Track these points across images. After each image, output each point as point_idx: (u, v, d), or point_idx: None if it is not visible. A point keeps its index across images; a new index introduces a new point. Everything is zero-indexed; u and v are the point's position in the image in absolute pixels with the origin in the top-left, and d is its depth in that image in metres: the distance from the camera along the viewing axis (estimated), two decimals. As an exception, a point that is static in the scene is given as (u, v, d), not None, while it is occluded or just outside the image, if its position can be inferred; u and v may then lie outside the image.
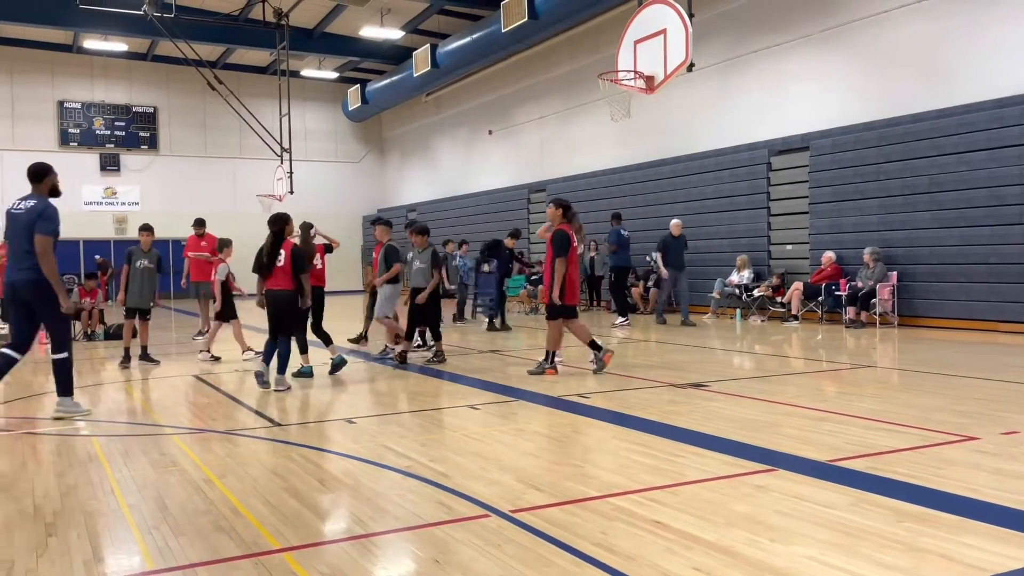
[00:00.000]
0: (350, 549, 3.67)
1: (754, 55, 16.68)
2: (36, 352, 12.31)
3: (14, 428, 6.73)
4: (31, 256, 6.66)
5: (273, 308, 8.37)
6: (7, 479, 4.97)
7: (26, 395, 8.54)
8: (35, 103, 27.97)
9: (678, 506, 4.11)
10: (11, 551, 3.70)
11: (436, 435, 6.14)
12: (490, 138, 26.16)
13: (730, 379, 8.42)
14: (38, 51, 27.59)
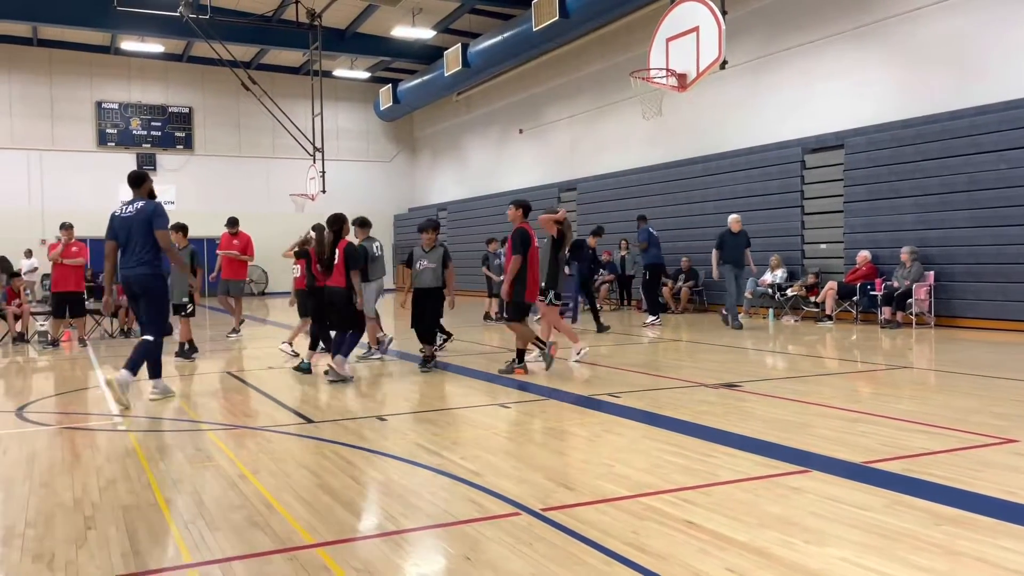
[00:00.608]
0: (382, 545, 3.70)
1: (787, 52, 16.52)
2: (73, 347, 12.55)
3: (54, 423, 6.87)
4: (146, 252, 7.51)
5: (328, 303, 8.82)
6: (48, 473, 5.07)
7: (66, 391, 8.70)
8: (74, 104, 28.48)
9: (710, 506, 4.08)
10: (52, 543, 3.78)
11: (467, 433, 6.16)
12: (520, 137, 26.17)
13: (763, 379, 8.35)
14: (77, 52, 28.10)
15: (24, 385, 9.29)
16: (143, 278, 7.53)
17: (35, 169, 27.93)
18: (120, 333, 14.61)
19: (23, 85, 27.75)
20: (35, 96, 27.93)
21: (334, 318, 8.91)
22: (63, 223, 13.34)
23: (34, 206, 27.85)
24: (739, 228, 13.94)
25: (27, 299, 15.17)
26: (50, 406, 7.71)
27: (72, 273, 12.89)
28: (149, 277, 7.58)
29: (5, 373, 10.39)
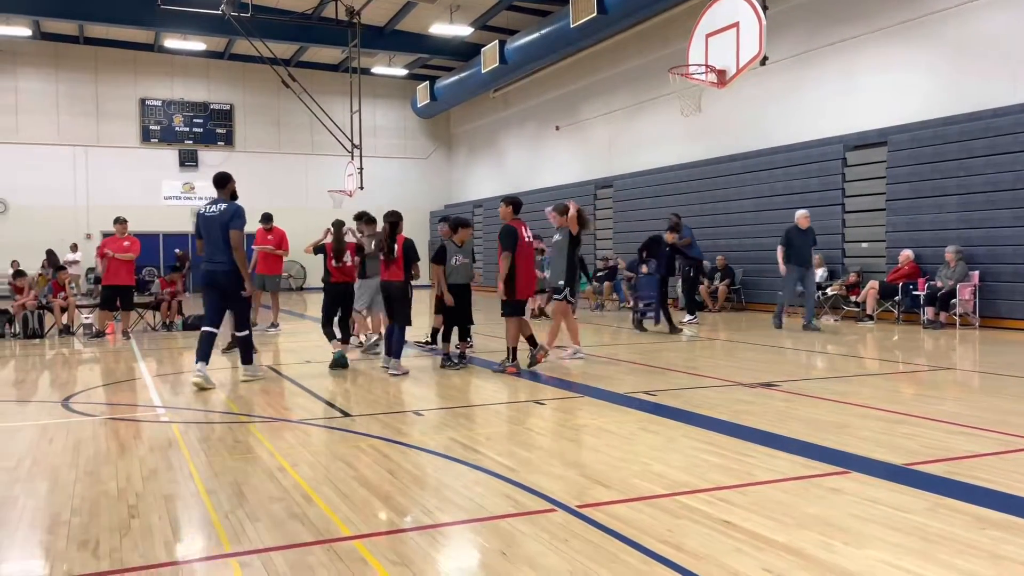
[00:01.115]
0: (418, 538, 3.73)
1: (829, 48, 16.28)
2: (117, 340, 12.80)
3: (99, 414, 7.01)
4: (227, 250, 8.10)
5: (386, 297, 9.15)
6: (93, 462, 5.18)
7: (110, 382, 8.88)
8: (119, 101, 29.01)
9: (748, 506, 4.05)
10: (97, 530, 3.86)
11: (502, 429, 6.17)
12: (557, 134, 26.12)
13: (802, 379, 8.25)
14: (122, 50, 28.62)
15: (70, 376, 9.50)
16: (225, 274, 8.18)
17: (80, 165, 28.52)
18: (162, 326, 14.87)
19: (70, 83, 28.34)
20: (81, 93, 28.51)
21: (390, 311, 9.15)
22: (117, 217, 13.59)
23: (79, 201, 28.45)
24: (807, 224, 13.23)
25: (72, 292, 15.51)
26: (95, 397, 7.88)
27: (123, 267, 13.13)
28: (230, 272, 8.17)
29: (51, 364, 10.64)
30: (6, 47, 26.81)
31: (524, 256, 8.97)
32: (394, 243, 8.99)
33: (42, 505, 4.32)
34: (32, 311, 13.72)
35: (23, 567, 3.50)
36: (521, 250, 8.92)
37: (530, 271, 9.14)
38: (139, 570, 3.38)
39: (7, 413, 7.13)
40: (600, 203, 23.34)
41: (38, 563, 3.52)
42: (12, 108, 27.71)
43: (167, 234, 28.82)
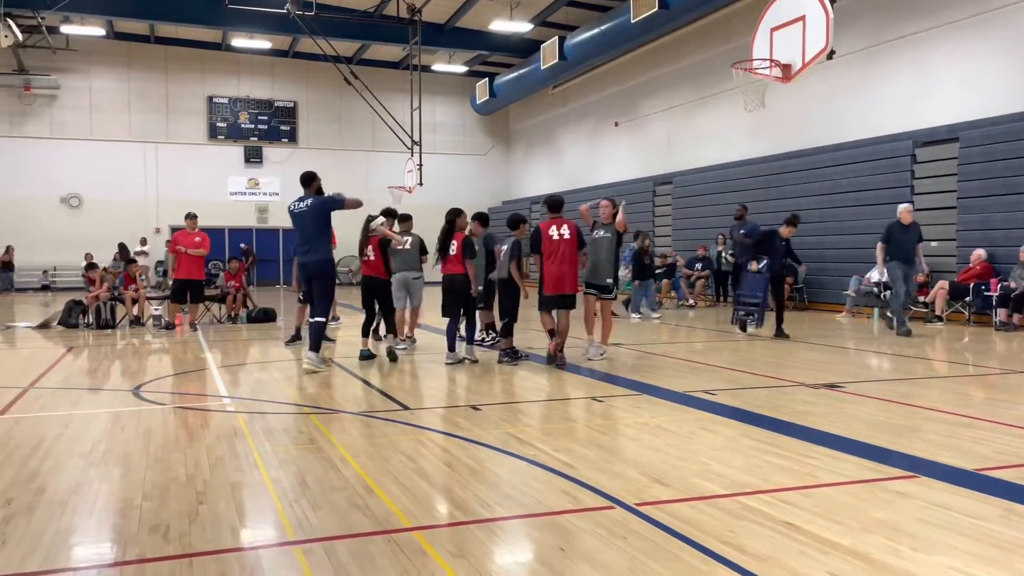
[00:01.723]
0: (477, 531, 3.76)
1: (899, 41, 15.85)
2: (185, 331, 13.16)
3: (168, 402, 7.23)
4: (317, 241, 8.73)
5: (448, 290, 9.39)
6: (162, 449, 5.34)
7: (178, 372, 9.14)
8: (187, 99, 29.81)
9: (811, 509, 3.98)
10: (167, 515, 3.98)
11: (559, 425, 6.18)
12: (616, 130, 25.97)
13: (867, 380, 8.07)
14: (190, 49, 29.39)
15: (140, 366, 9.80)
16: (316, 264, 8.77)
17: (151, 161, 29.38)
18: (227, 319, 15.24)
19: (141, 82, 29.21)
20: (152, 92, 29.36)
21: (452, 302, 9.39)
22: (188, 213, 13.95)
23: (149, 196, 29.33)
24: (910, 219, 12.34)
25: (143, 284, 15.99)
26: (164, 386, 8.11)
27: (194, 261, 13.49)
28: (321, 263, 8.79)
29: (123, 354, 10.99)
30: (82, 47, 27.75)
31: (550, 254, 9.07)
32: (449, 240, 9.30)
33: (115, 489, 4.47)
34: (105, 302, 14.19)
35: (98, 549, 3.63)
36: (547, 248, 9.06)
37: (557, 268, 9.09)
38: (207, 555, 3.47)
39: (82, 401, 7.39)
40: (659, 200, 23.14)
41: (112, 546, 3.64)
42: (87, 106, 28.68)
43: (232, 229, 29.52)
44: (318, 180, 9.00)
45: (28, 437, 5.73)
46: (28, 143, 27.96)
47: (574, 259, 9.09)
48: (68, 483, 4.58)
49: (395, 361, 9.57)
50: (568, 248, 9.03)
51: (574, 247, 9.06)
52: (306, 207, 8.78)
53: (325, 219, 8.85)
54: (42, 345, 11.93)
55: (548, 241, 9.06)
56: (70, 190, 28.51)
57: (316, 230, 8.77)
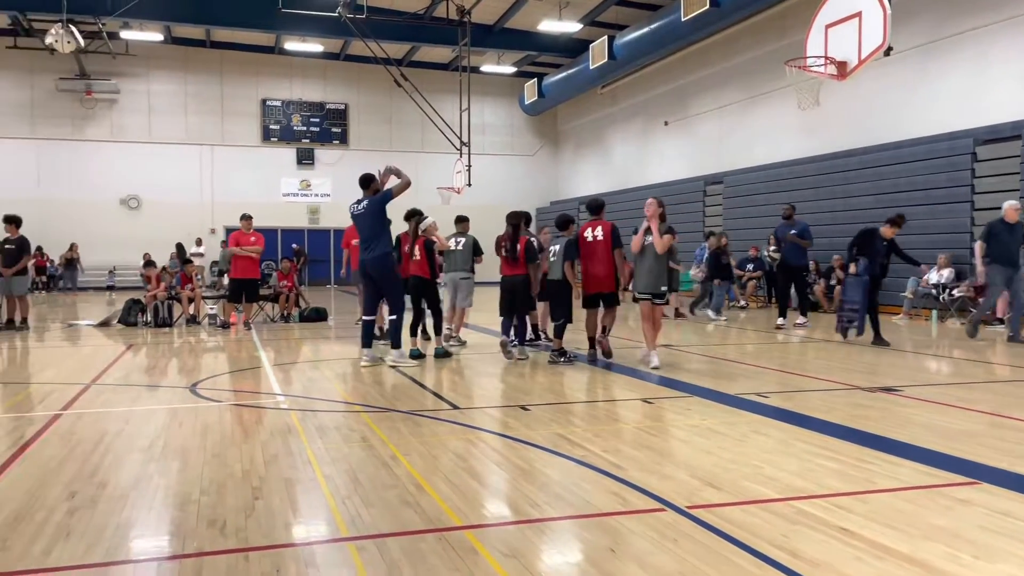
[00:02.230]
0: (527, 531, 3.76)
1: (958, 37, 15.45)
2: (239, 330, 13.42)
3: (224, 400, 7.38)
4: (376, 240, 9.02)
5: (508, 290, 9.76)
6: (219, 445, 5.45)
7: (233, 370, 9.33)
8: (241, 101, 30.41)
9: (867, 514, 3.90)
10: (223, 510, 4.07)
11: (609, 427, 6.15)
12: (665, 129, 25.77)
13: (925, 384, 7.88)
14: (245, 53, 29.97)
15: (196, 364, 10.02)
16: (374, 261, 9.05)
17: (206, 163, 30.05)
18: (280, 318, 15.49)
19: (197, 85, 29.88)
20: (208, 95, 30.01)
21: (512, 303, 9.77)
22: (243, 214, 14.21)
23: (205, 197, 29.99)
24: (1016, 218, 11.13)
25: (199, 284, 16.35)
26: (220, 384, 8.29)
27: (250, 261, 13.75)
28: (380, 259, 9.04)
29: (179, 352, 11.25)
30: (141, 52, 28.49)
31: (588, 256, 9.36)
32: (516, 243, 9.61)
33: (173, 484, 4.58)
34: (162, 302, 14.54)
35: (158, 543, 3.72)
36: (584, 250, 9.38)
37: (594, 268, 9.32)
38: (263, 550, 3.54)
39: (141, 397, 7.58)
40: (710, 200, 22.89)
41: (171, 539, 3.73)
42: (145, 109, 29.44)
43: (285, 229, 30.02)
44: (376, 182, 9.25)
45: (90, 432, 5.90)
46: (89, 146, 28.82)
47: (609, 259, 9.25)
48: (128, 478, 4.71)
49: (447, 357, 9.77)
50: (603, 249, 9.24)
51: (608, 247, 9.24)
52: (363, 208, 9.14)
53: (380, 217, 9.09)
54: (103, 343, 12.28)
55: (584, 243, 9.40)
56: (129, 191, 29.31)
57: (373, 229, 9.07)
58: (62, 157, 28.49)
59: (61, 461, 5.07)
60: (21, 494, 4.36)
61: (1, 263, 13.72)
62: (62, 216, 27.93)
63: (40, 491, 4.41)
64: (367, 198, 9.19)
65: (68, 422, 6.29)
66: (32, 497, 4.30)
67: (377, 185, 9.21)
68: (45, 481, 4.62)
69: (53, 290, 26.93)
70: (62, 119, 28.64)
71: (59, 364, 9.87)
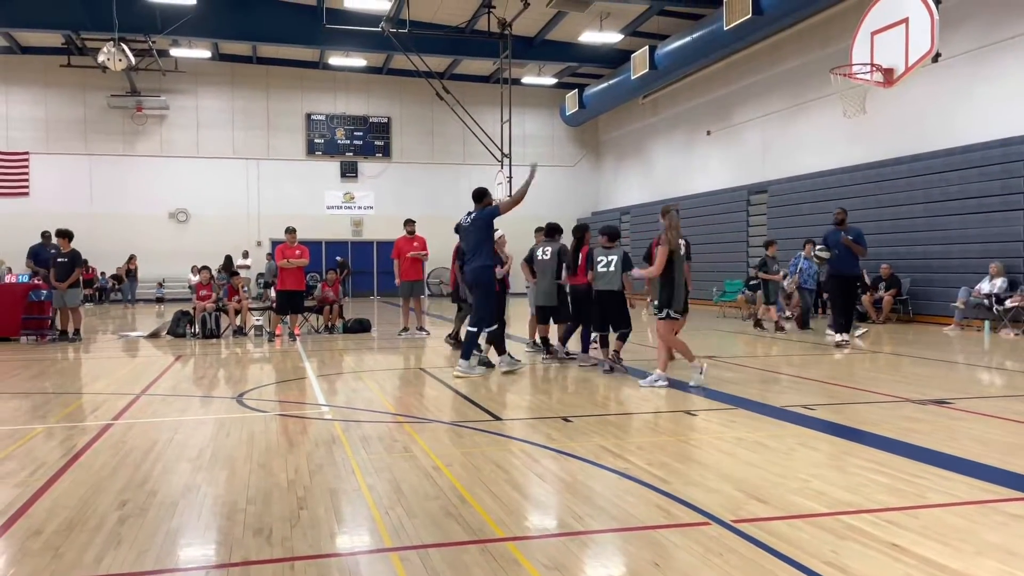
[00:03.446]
0: (570, 544, 3.75)
1: (1010, 42, 15.10)
2: (284, 341, 13.59)
3: (269, 410, 7.48)
4: (479, 251, 9.30)
5: (576, 300, 10.27)
6: (265, 455, 5.53)
7: (279, 380, 9.45)
8: (287, 116, 30.91)
9: (919, 530, 3.81)
10: (269, 519, 4.12)
11: (652, 439, 6.10)
12: (708, 139, 25.58)
13: (978, 397, 7.69)
14: (290, 68, 30.48)
15: (242, 374, 10.18)
16: (477, 271, 9.36)
17: (252, 177, 30.57)
18: (324, 329, 15.67)
19: (244, 100, 30.45)
20: (254, 109, 30.56)
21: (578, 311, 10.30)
22: (288, 227, 14.43)
23: (251, 211, 30.50)
24: None
25: (246, 296, 16.62)
26: (266, 394, 8.40)
27: (295, 273, 13.95)
28: (481, 269, 9.33)
29: (226, 363, 11.43)
30: (189, 68, 29.13)
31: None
32: (579, 254, 10.15)
33: (221, 493, 4.65)
34: (210, 313, 14.80)
35: (205, 551, 3.78)
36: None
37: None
38: (308, 559, 3.57)
39: (190, 407, 7.72)
40: (753, 209, 22.63)
41: (219, 547, 3.79)
42: (194, 125, 30.08)
43: (328, 242, 30.38)
44: (489, 196, 9.56)
45: (141, 442, 6.02)
46: (139, 161, 29.53)
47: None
48: (178, 486, 4.79)
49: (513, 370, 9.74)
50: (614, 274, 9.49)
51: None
52: (472, 220, 9.47)
53: (487, 231, 9.44)
54: (152, 354, 12.53)
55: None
56: (178, 205, 29.93)
57: (477, 241, 9.37)
58: (113, 172, 29.23)
59: (113, 470, 5.18)
60: (74, 502, 4.46)
61: (55, 276, 14.10)
62: (113, 230, 28.62)
63: (92, 499, 4.51)
64: (478, 211, 9.46)
65: (119, 431, 6.42)
66: (85, 505, 4.40)
67: (490, 199, 9.51)
68: (98, 489, 4.72)
69: (104, 302, 27.56)
70: (113, 135, 29.39)
71: (110, 375, 10.10)
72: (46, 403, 7.92)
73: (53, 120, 28.92)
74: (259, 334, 14.71)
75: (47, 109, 28.86)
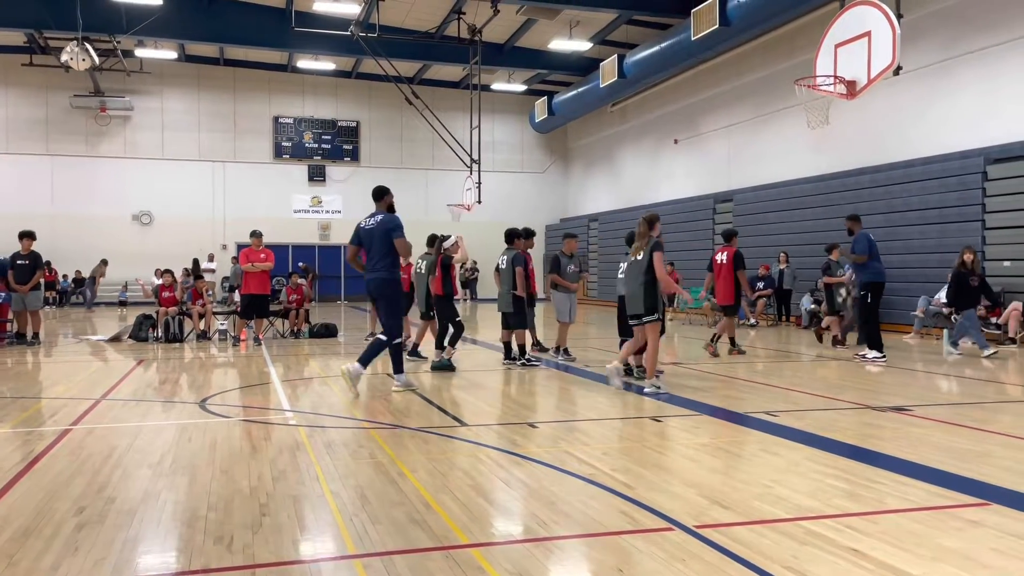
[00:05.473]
0: (534, 550, 3.75)
1: (969, 56, 15.44)
2: (249, 346, 13.45)
3: (233, 415, 7.39)
4: (384, 259, 8.47)
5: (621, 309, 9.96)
6: (227, 461, 5.46)
7: (243, 385, 9.35)
8: (254, 119, 30.64)
9: (878, 535, 3.87)
10: (231, 527, 4.07)
11: (618, 445, 6.13)
12: (675, 147, 25.81)
13: (936, 404, 7.83)
14: (257, 71, 30.24)
15: (206, 379, 10.05)
16: (379, 282, 8.53)
17: (218, 180, 30.25)
18: (290, 334, 15.53)
19: (211, 102, 30.14)
20: (221, 112, 30.25)
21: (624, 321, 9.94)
22: (254, 231, 14.28)
23: (217, 214, 30.16)
24: None
25: (210, 299, 16.42)
26: (229, 399, 8.31)
27: (261, 277, 13.82)
28: (384, 282, 8.54)
29: (189, 367, 11.28)
30: (155, 69, 28.77)
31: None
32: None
33: (182, 499, 4.58)
34: (173, 317, 14.60)
35: (165, 559, 3.73)
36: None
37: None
38: (270, 567, 3.54)
39: (151, 413, 7.61)
40: (719, 217, 22.87)
41: (178, 555, 3.73)
42: (159, 126, 29.70)
43: (296, 245, 30.15)
44: (390, 196, 8.83)
45: (100, 447, 5.92)
46: (103, 162, 29.09)
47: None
48: (137, 493, 4.72)
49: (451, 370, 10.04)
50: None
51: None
52: (375, 224, 8.58)
53: (389, 239, 8.57)
54: (114, 358, 12.33)
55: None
56: (142, 208, 29.51)
57: (380, 249, 8.50)
58: (76, 173, 28.75)
59: (70, 476, 5.09)
60: (30, 509, 4.37)
61: (15, 279, 13.82)
62: (75, 232, 28.16)
63: (49, 506, 4.43)
64: (380, 213, 8.68)
65: (78, 437, 6.31)
66: (41, 512, 4.31)
67: (391, 199, 8.78)
68: (54, 496, 4.63)
69: (64, 305, 27.06)
70: (76, 136, 28.92)
71: (70, 379, 9.92)
72: (2, 408, 7.76)
73: (14, 120, 28.38)
74: (223, 338, 14.54)
75: (8, 109, 28.32)
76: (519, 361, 10.71)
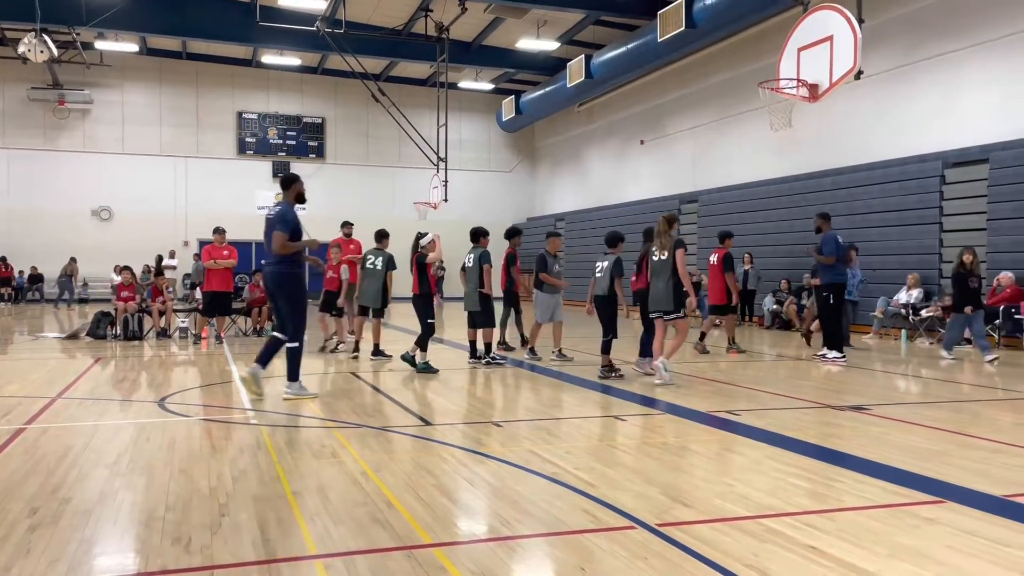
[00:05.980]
0: (497, 549, 3.74)
1: (928, 61, 15.73)
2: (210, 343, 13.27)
3: (192, 414, 7.28)
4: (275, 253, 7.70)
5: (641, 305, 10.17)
6: (186, 461, 5.38)
7: (203, 384, 9.22)
8: (217, 114, 30.22)
9: (836, 533, 3.92)
10: (188, 528, 4.00)
11: (581, 443, 6.14)
12: (642, 148, 25.96)
13: (894, 403, 7.96)
14: (221, 66, 29.83)
15: (165, 378, 9.89)
16: (275, 276, 7.86)
17: (180, 175, 29.79)
18: (253, 332, 15.35)
19: (172, 96, 29.68)
20: (183, 107, 29.81)
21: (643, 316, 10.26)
22: (216, 228, 14.08)
23: (179, 210, 29.70)
24: None
25: (170, 297, 16.17)
26: (189, 398, 8.18)
27: (223, 274, 13.63)
28: (281, 275, 7.83)
29: (149, 365, 11.10)
30: (115, 62, 28.26)
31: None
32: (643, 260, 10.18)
33: (139, 500, 4.50)
34: (132, 314, 14.35)
35: (121, 560, 3.66)
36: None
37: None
38: (228, 567, 3.49)
39: (108, 412, 7.47)
40: (685, 218, 23.03)
41: (135, 556, 3.66)
42: (119, 120, 29.18)
43: (259, 243, 29.73)
44: (298, 184, 8.15)
45: (55, 447, 5.80)
46: (61, 156, 28.49)
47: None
48: (93, 493, 4.63)
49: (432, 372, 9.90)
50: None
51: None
52: (272, 215, 7.88)
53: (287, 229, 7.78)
54: (70, 356, 12.08)
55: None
56: (101, 203, 28.97)
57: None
58: (33, 167, 28.13)
59: (24, 476, 4.97)
60: (-19, 510, 4.26)
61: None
62: (32, 226, 27.59)
63: (1, 506, 4.32)
64: (283, 202, 7.99)
65: (32, 436, 6.17)
66: (-8, 513, 4.21)
67: (300, 188, 8.12)
68: (7, 496, 4.52)
69: (20, 302, 26.48)
70: (33, 129, 28.30)
71: (24, 377, 9.70)
72: (-46, 407, 7.56)
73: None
74: (184, 336, 14.33)
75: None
76: (484, 360, 10.71)
